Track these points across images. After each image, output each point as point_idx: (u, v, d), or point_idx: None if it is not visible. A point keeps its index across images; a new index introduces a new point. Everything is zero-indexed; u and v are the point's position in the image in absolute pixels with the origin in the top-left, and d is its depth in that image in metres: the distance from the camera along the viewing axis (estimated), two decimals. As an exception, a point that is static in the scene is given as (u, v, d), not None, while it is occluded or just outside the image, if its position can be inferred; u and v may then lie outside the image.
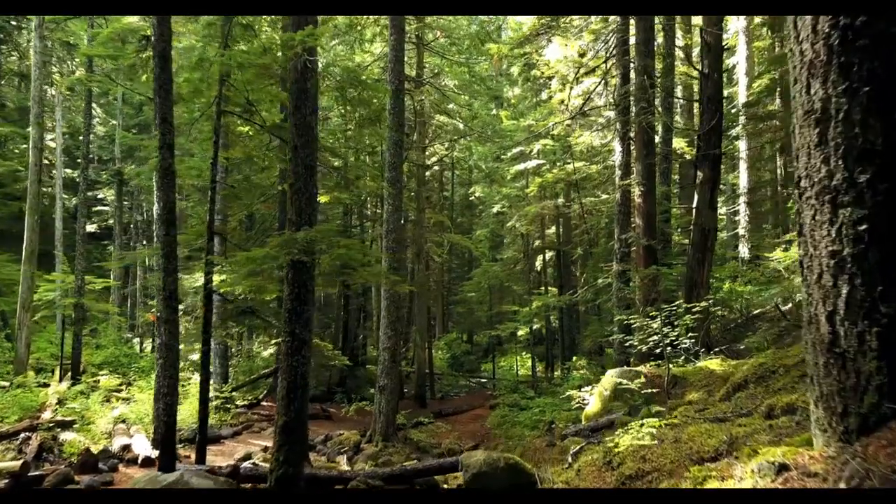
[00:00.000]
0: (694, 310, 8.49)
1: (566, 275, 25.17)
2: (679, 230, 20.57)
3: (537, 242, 27.20)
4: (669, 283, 8.71)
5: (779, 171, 23.44)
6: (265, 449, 12.21)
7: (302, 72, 7.14)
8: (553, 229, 26.96)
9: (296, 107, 7.17)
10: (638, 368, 8.60)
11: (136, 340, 28.78)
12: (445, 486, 8.34)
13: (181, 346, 21.64)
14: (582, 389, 9.78)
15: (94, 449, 11.75)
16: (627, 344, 9.70)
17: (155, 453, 11.58)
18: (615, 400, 8.32)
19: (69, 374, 18.27)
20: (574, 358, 27.77)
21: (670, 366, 7.85)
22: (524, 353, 28.80)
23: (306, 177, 7.01)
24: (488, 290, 28.42)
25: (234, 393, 15.97)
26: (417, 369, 20.87)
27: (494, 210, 26.77)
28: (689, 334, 8.84)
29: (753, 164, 24.48)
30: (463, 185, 39.43)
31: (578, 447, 4.73)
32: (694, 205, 12.40)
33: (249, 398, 17.44)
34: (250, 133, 10.66)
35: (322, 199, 10.20)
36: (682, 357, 9.10)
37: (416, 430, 15.44)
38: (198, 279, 10.25)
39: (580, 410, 10.43)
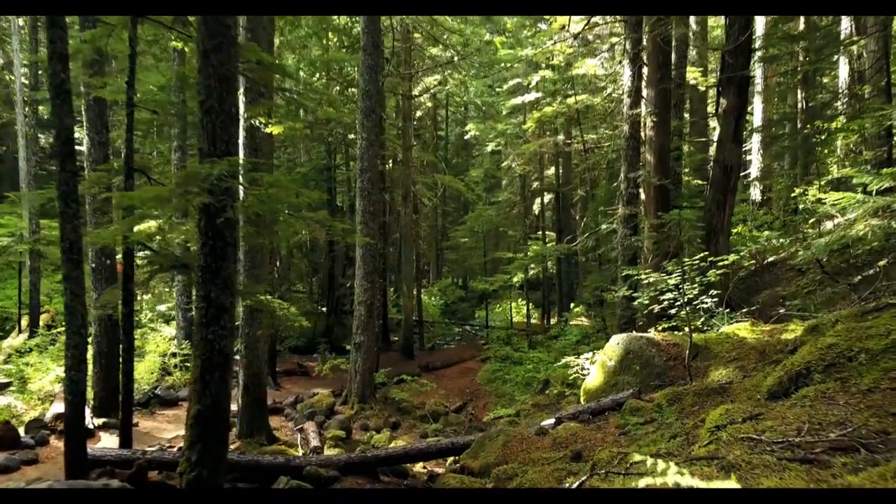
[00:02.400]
0: (720, 263, 6.90)
1: (565, 219, 23.52)
2: (691, 170, 18.81)
3: (535, 184, 25.41)
4: (692, 232, 7.12)
5: (800, 105, 21.44)
6: (224, 415, 10.86)
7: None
8: (552, 170, 25.14)
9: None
10: (649, 334, 7.09)
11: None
12: (414, 477, 6.97)
13: (146, 297, 20.27)
14: (581, 356, 8.32)
15: (27, 417, 10.43)
16: (636, 302, 8.17)
17: (96, 422, 10.27)
18: (622, 373, 6.85)
19: (29, 326, 16.90)
20: (572, 306, 26.50)
21: (691, 332, 6.32)
22: (520, 300, 27.45)
23: (221, 92, 5.28)
24: (482, 235, 26.81)
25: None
26: (405, 320, 19.51)
27: (489, 149, 24.84)
28: (710, 292, 7.31)
29: (770, 96, 22.46)
30: (458, 124, 37.25)
31: (578, 482, 3.19)
32: (715, 137, 10.66)
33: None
34: (186, 50, 8.83)
35: (274, 130, 8.46)
36: (702, 319, 7.58)
37: (398, 387, 14.15)
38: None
39: (577, 371, 9.00)
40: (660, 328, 7.94)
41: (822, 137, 15.25)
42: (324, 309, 24.65)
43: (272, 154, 14.53)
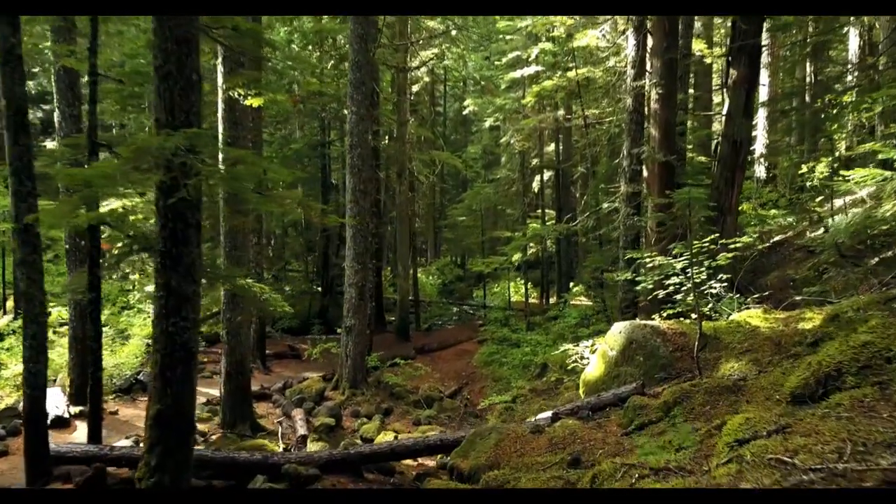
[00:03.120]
0: (731, 246, 6.39)
1: (565, 197, 22.93)
2: (695, 146, 18.20)
3: (535, 161, 24.75)
4: (704, 212, 6.56)
5: (808, 79, 20.71)
6: (208, 402, 10.46)
7: None
8: (552, 146, 24.47)
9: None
10: (653, 322, 6.59)
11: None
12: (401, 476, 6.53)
13: (134, 277, 19.74)
14: (580, 344, 7.84)
15: (1, 405, 10.00)
16: (639, 287, 7.66)
17: (73, 410, 9.84)
18: (624, 364, 6.37)
19: (14, 308, 16.41)
20: (571, 285, 26.02)
21: (701, 321, 5.81)
22: (518, 280, 26.96)
23: (180, 56, 4.70)
24: (480, 214, 26.21)
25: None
26: (400, 301, 19.05)
27: (487, 124, 24.13)
28: (719, 276, 6.81)
29: (777, 69, 21.74)
30: (457, 100, 36.41)
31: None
32: (724, 111, 10.07)
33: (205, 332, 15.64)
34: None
35: (254, 102, 7.86)
36: (709, 305, 7.09)
37: (392, 371, 13.72)
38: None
39: (576, 360, 8.53)
40: (664, 314, 7.44)
41: (834, 111, 14.62)
42: (319, 288, 24.20)
43: (259, 129, 13.93)
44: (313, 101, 19.98)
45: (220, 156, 6.94)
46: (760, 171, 21.26)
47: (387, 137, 22.10)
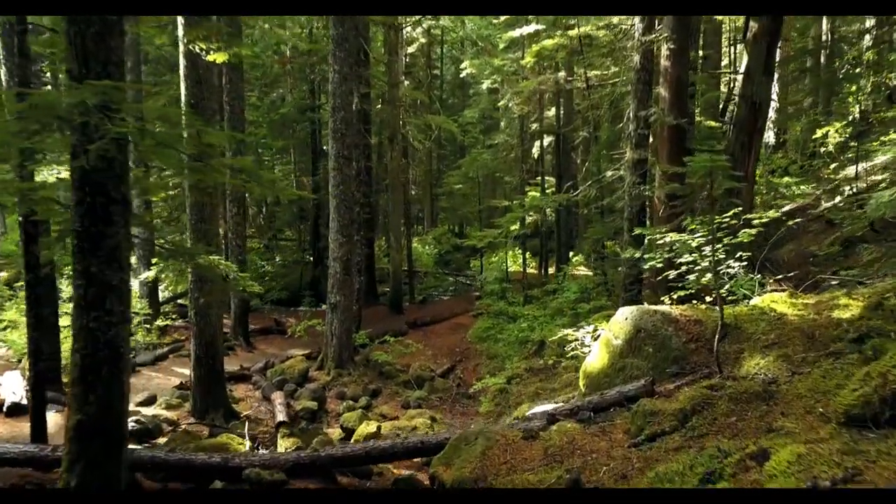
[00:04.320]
0: (755, 221, 5.57)
1: (566, 163, 21.98)
2: (702, 109, 17.19)
3: (534, 126, 23.70)
4: (728, 183, 5.73)
5: (824, 37, 19.56)
6: (182, 386, 9.77)
7: None
8: (552, 111, 23.39)
9: None
10: (664, 308, 5.82)
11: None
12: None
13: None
14: (580, 330, 7.08)
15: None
16: (647, 265, 6.86)
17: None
18: (630, 355, 5.62)
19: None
20: (571, 255, 25.23)
21: (722, 309, 5.03)
22: (516, 249, 26.16)
23: (93, -8, 3.83)
24: (478, 181, 25.28)
25: (164, 307, 13.39)
26: (392, 274, 18.29)
27: (485, 86, 22.99)
28: (738, 254, 6.01)
29: (790, 28, 20.53)
30: (454, 62, 35.05)
31: None
32: (741, 69, 9.14)
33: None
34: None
35: (217, 58, 6.97)
36: (726, 286, 6.30)
37: (382, 348, 13.04)
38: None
39: (576, 347, 7.79)
40: (674, 296, 6.66)
41: (857, 70, 13.62)
42: (311, 258, 23.42)
43: (239, 91, 12.97)
44: (300, 61, 18.89)
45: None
46: (769, 136, 20.27)
47: (380, 101, 21.06)
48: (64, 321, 9.77)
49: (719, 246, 5.55)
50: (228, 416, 8.71)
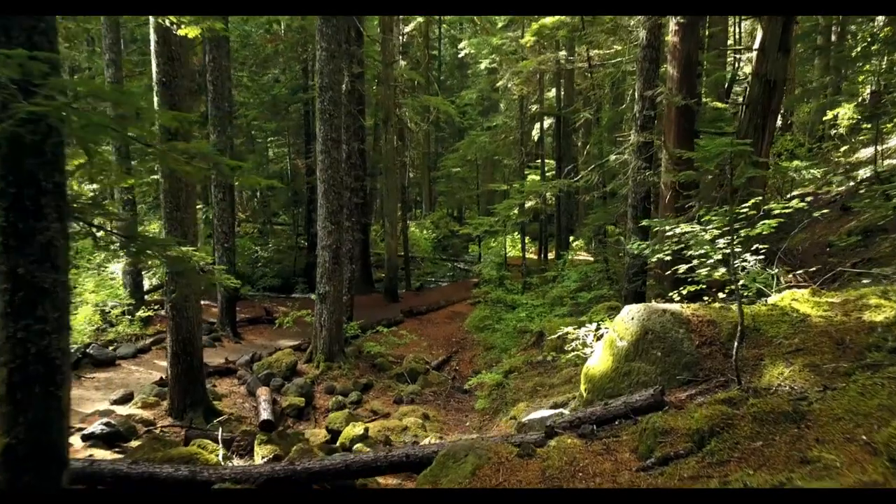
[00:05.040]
0: (776, 211, 5.03)
1: (566, 145, 21.37)
2: (708, 89, 16.55)
3: (534, 107, 23.02)
4: (751, 171, 5.17)
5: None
6: (161, 382, 9.29)
7: None
8: (553, 92, 22.71)
9: None
10: (674, 307, 5.29)
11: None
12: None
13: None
14: (581, 329, 6.57)
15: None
16: (653, 258, 6.33)
17: None
18: (637, 358, 5.12)
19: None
20: (571, 239, 24.69)
21: (742, 312, 4.50)
22: (515, 234, 25.61)
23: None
24: (476, 164, 24.65)
25: (147, 297, 12.88)
26: (387, 261, 17.77)
27: (483, 66, 22.30)
28: (754, 246, 5.49)
29: None
30: (453, 43, 34.21)
31: None
32: (755, 45, 8.53)
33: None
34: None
35: (189, 32, 6.37)
36: (740, 282, 5.77)
37: (375, 339, 12.56)
38: None
39: (576, 347, 7.29)
40: (684, 291, 6.15)
41: (873, 48, 12.97)
42: (305, 243, 22.87)
43: (222, 69, 12.33)
44: (291, 39, 18.19)
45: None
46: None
47: (376, 82, 20.38)
48: None
49: (737, 239, 5.03)
50: (209, 414, 8.25)
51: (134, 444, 6.89)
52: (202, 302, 15.36)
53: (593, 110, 15.91)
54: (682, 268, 5.57)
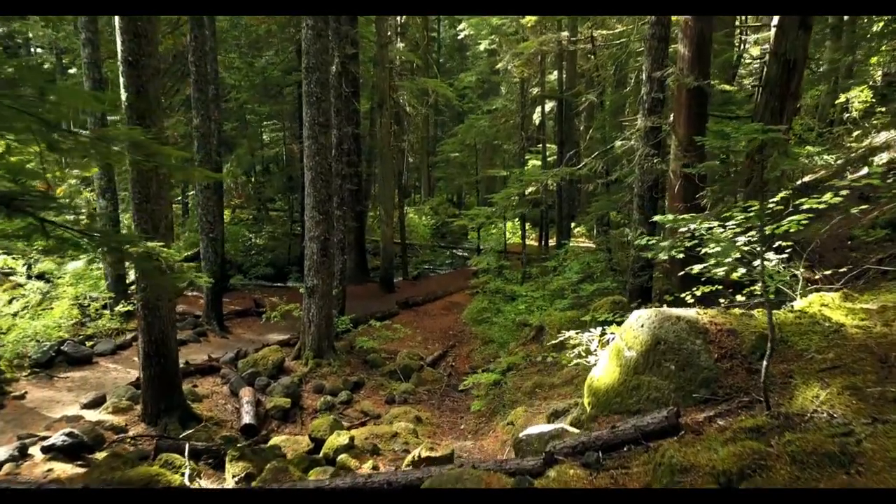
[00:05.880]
0: (804, 206, 4.44)
1: (568, 129, 20.69)
2: (717, 70, 15.85)
3: (535, 90, 22.30)
4: (789, 163, 4.59)
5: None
6: (137, 382, 8.76)
7: None
8: (555, 74, 21.98)
9: None
10: (687, 313, 4.72)
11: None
12: None
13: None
14: (584, 334, 6.00)
15: None
16: (665, 254, 5.75)
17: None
18: (647, 371, 4.57)
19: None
20: (573, 226, 24.09)
21: (773, 323, 3.94)
22: (515, 220, 24.99)
23: None
24: (475, 149, 23.97)
25: (130, 290, 12.29)
26: (382, 250, 17.21)
27: (482, 47, 21.56)
28: (777, 244, 4.92)
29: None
30: (454, 25, 33.33)
31: None
32: (773, 21, 7.88)
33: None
34: None
35: (154, 4, 5.73)
36: (769, 285, 5.19)
37: (368, 333, 12.03)
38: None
39: (579, 354, 6.72)
40: (697, 293, 5.58)
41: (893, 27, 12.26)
42: (300, 230, 22.26)
43: (202, 48, 11.66)
44: (281, 18, 17.46)
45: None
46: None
47: (372, 65, 19.66)
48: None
49: (757, 233, 4.46)
50: (186, 419, 7.73)
51: (100, 455, 6.37)
52: (190, 293, 14.89)
53: (597, 93, 15.19)
54: (697, 268, 5.00)
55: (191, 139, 12.42)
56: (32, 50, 26.01)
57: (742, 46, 17.63)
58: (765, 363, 3.67)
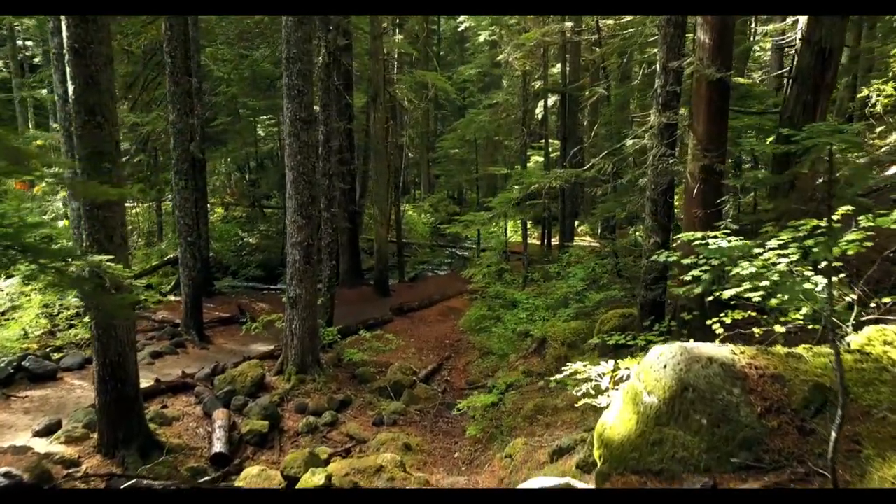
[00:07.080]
0: (863, 224, 3.66)
1: (572, 125, 19.81)
2: (737, 60, 14.96)
3: (538, 83, 21.40)
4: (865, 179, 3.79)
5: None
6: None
7: None
8: (558, 67, 21.08)
9: None
10: (720, 352, 3.90)
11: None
12: None
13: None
14: (594, 369, 5.18)
15: None
16: (690, 276, 4.92)
17: None
18: (672, 423, 3.77)
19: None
20: (577, 223, 23.23)
21: (842, 372, 3.13)
22: (516, 218, 24.16)
23: None
24: (475, 145, 23.11)
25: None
26: (377, 251, 16.40)
27: (482, 38, 20.68)
28: (820, 264, 4.09)
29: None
30: (454, 16, 32.41)
31: None
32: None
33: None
34: None
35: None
36: (837, 326, 4.37)
37: (357, 344, 11.23)
38: None
39: (586, 393, 5.90)
40: (727, 320, 4.76)
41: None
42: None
43: (192, 45, 10.84)
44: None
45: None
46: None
47: (367, 57, 18.81)
48: None
49: (795, 252, 3.71)
50: (148, 448, 6.97)
51: (40, 498, 5.57)
52: (172, 298, 14.06)
53: (607, 85, 14.32)
54: (728, 293, 4.20)
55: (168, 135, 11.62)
56: (19, 42, 25.23)
57: (754, 33, 16.73)
58: (833, 433, 2.86)
